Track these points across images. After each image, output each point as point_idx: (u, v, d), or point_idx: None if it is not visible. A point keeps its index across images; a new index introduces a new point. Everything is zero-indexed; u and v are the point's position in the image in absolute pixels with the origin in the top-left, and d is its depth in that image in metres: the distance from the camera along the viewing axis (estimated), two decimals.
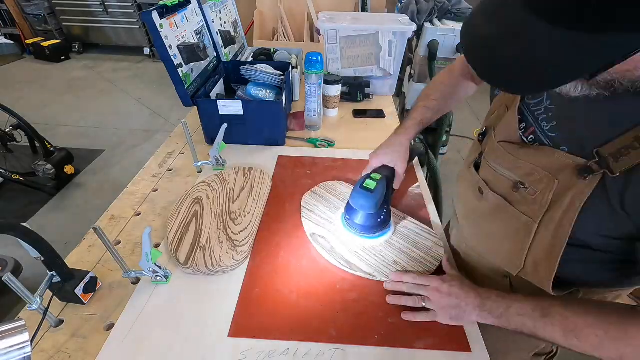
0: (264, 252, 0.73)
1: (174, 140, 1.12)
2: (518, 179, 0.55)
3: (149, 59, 4.58)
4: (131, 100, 3.53)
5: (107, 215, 0.83)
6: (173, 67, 0.92)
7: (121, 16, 4.36)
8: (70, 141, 2.76)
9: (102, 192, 2.33)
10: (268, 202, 0.85)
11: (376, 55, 1.33)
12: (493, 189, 0.60)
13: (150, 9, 0.86)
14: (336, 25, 1.27)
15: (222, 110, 0.99)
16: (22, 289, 0.51)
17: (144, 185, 0.92)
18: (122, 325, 0.59)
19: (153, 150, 1.07)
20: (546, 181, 0.50)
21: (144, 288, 0.65)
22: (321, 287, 0.66)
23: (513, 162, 0.56)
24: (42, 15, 4.43)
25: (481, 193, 0.63)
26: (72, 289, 0.59)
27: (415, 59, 1.94)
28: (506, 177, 0.57)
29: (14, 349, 0.38)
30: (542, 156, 0.52)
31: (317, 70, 1.05)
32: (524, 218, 0.54)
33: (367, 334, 0.58)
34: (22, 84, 3.87)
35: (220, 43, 1.25)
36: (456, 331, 0.59)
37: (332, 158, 1.03)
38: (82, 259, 0.71)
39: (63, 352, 0.56)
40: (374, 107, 1.33)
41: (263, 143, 1.07)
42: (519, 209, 0.55)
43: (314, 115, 1.14)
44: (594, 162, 0.44)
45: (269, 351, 0.56)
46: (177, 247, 0.71)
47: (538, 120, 0.55)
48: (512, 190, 0.56)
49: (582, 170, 0.46)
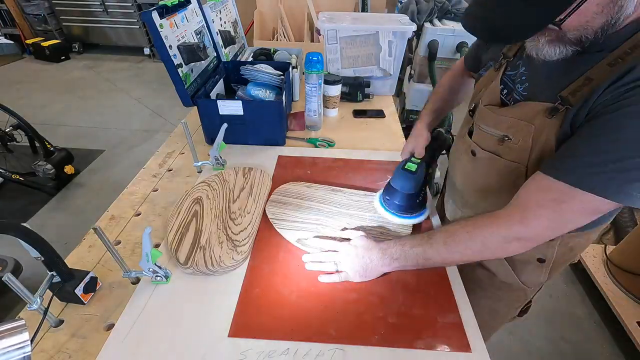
0: (264, 252, 0.73)
1: (174, 140, 1.12)
2: (503, 133, 0.65)
3: (149, 59, 4.58)
4: (131, 100, 3.53)
5: (107, 215, 0.83)
6: (173, 67, 0.92)
7: (121, 16, 4.36)
8: (70, 141, 2.76)
9: (102, 192, 2.33)
10: (268, 202, 0.85)
11: (376, 55, 1.33)
12: (484, 147, 0.70)
13: (150, 9, 0.86)
14: (336, 25, 1.27)
15: (222, 110, 0.99)
16: (22, 289, 0.51)
17: (144, 185, 0.92)
18: (122, 325, 0.59)
19: (153, 150, 1.07)
20: (525, 128, 0.61)
21: (144, 288, 0.65)
22: (321, 287, 0.66)
23: (496, 119, 0.66)
24: (42, 15, 4.43)
25: (474, 155, 0.73)
26: (72, 289, 0.59)
27: (415, 59, 1.94)
28: (493, 135, 0.67)
29: (13, 348, 0.38)
30: (519, 109, 0.62)
31: (317, 70, 1.05)
32: (513, 165, 0.64)
33: (367, 334, 0.58)
34: (22, 84, 3.87)
35: (220, 43, 1.25)
36: (456, 331, 0.59)
37: (332, 158, 1.03)
38: (82, 259, 0.71)
39: (63, 352, 0.56)
40: (374, 107, 1.33)
41: (263, 143, 1.07)
42: (508, 158, 0.65)
43: (314, 115, 1.14)
44: (558, 103, 0.56)
45: (269, 351, 0.56)
46: (177, 247, 0.71)
47: (515, 85, 0.66)
48: (498, 144, 0.66)
49: (551, 110, 0.57)
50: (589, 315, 1.62)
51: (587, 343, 1.51)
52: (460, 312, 0.62)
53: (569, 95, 0.54)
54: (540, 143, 0.59)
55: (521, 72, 0.66)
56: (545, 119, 0.57)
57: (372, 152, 1.06)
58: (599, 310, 1.62)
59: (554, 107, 0.56)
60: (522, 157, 0.62)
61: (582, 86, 0.53)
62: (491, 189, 0.72)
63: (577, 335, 1.53)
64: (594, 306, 1.65)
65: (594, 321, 1.59)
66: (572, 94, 0.54)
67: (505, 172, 0.66)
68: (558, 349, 1.48)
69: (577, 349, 1.49)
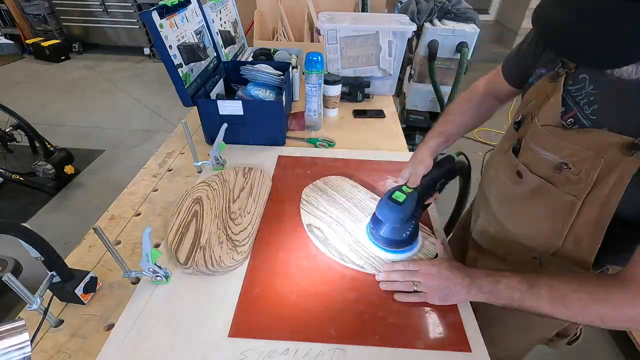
0: (264, 252, 0.73)
1: (174, 140, 1.12)
2: (561, 160, 0.56)
3: (149, 59, 4.58)
4: (131, 100, 3.53)
5: (107, 215, 0.83)
6: (173, 67, 0.92)
7: (121, 16, 4.35)
8: (70, 141, 2.76)
9: (102, 192, 2.33)
10: (268, 202, 0.85)
11: (376, 55, 1.33)
12: (534, 171, 0.61)
13: (150, 9, 0.86)
14: (336, 26, 1.27)
15: (222, 110, 0.99)
16: (22, 289, 0.51)
17: (144, 185, 0.92)
18: (122, 325, 0.59)
19: (153, 150, 1.07)
20: (591, 160, 0.52)
21: (144, 288, 0.65)
22: (321, 287, 0.66)
23: (556, 143, 0.57)
24: (42, 15, 4.42)
25: (520, 177, 0.64)
26: (72, 289, 0.59)
27: (415, 59, 1.94)
28: (548, 159, 0.59)
29: (13, 348, 0.38)
30: (586, 137, 0.54)
31: (317, 70, 1.05)
32: (567, 197, 0.56)
33: (367, 334, 0.58)
34: (22, 84, 3.87)
35: (220, 43, 1.25)
36: (456, 331, 0.59)
37: (332, 158, 1.03)
38: (82, 259, 0.71)
39: (63, 352, 0.56)
40: (374, 107, 1.33)
41: (263, 143, 1.07)
42: (562, 189, 0.57)
43: (314, 115, 1.14)
44: None
45: (269, 351, 0.56)
46: (177, 247, 0.71)
47: (580, 104, 0.56)
48: (554, 171, 0.58)
49: (629, 147, 0.48)
50: None
51: (587, 343, 1.51)
52: (460, 312, 0.62)
53: None
54: (609, 182, 0.51)
55: (589, 90, 0.55)
56: (620, 154, 0.49)
57: (372, 152, 1.06)
58: None
59: (634, 143, 0.48)
60: (580, 191, 0.55)
61: None
62: (533, 217, 0.64)
63: None
64: None
65: None
66: None
67: (553, 202, 0.59)
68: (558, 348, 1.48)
69: (577, 349, 1.47)
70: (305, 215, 0.81)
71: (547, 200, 0.60)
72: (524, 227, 0.68)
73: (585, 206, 0.55)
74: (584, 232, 0.56)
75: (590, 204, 0.54)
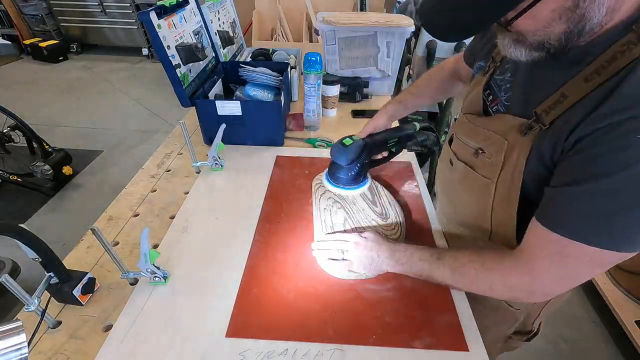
0: (262, 253, 0.73)
1: (172, 140, 1.12)
2: (478, 146, 0.61)
3: (147, 60, 4.57)
4: (129, 101, 3.52)
5: (105, 216, 0.82)
6: (171, 68, 0.92)
7: (119, 16, 4.34)
8: (69, 142, 2.75)
9: (100, 192, 2.32)
10: (265, 202, 0.85)
11: (375, 56, 1.33)
12: (460, 158, 0.67)
13: (148, 10, 0.86)
14: (335, 26, 1.27)
15: (220, 110, 0.99)
16: (19, 290, 0.51)
17: (142, 185, 0.92)
18: (121, 326, 0.59)
19: (151, 151, 1.07)
20: (498, 143, 0.57)
21: (142, 289, 0.65)
22: (319, 287, 0.66)
23: (473, 130, 0.63)
24: (40, 16, 4.41)
25: (451, 164, 0.70)
26: (70, 290, 0.59)
27: (413, 59, 1.94)
28: (469, 146, 0.64)
29: (11, 350, 0.38)
30: (495, 122, 0.59)
31: (316, 71, 1.06)
32: (484, 180, 0.61)
33: (365, 334, 0.58)
34: (20, 84, 3.85)
35: (218, 43, 1.25)
36: (454, 331, 0.59)
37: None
38: (80, 260, 0.71)
39: (61, 354, 0.55)
40: (373, 107, 1.33)
41: (261, 143, 1.07)
42: (480, 173, 0.62)
43: (313, 115, 1.14)
44: (533, 120, 0.51)
45: (267, 351, 0.56)
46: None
47: (501, 91, 0.61)
48: (473, 156, 0.63)
49: (524, 128, 0.52)
50: (588, 315, 1.62)
51: (585, 343, 1.52)
52: (457, 311, 0.62)
53: (543, 113, 0.50)
54: (511, 161, 0.55)
55: (507, 78, 0.60)
56: (518, 136, 0.53)
57: None
58: (597, 310, 1.62)
59: (528, 124, 0.52)
60: (492, 173, 0.58)
61: (556, 103, 0.48)
62: (464, 202, 0.69)
63: (576, 335, 1.54)
64: (592, 306, 1.65)
65: (592, 321, 1.60)
66: (547, 112, 0.49)
67: (476, 187, 0.63)
68: (557, 348, 1.49)
69: (575, 348, 1.49)
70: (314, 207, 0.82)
71: (471, 185, 0.65)
72: (459, 213, 0.73)
73: (498, 187, 0.58)
74: (502, 212, 0.60)
75: (501, 184, 0.58)
